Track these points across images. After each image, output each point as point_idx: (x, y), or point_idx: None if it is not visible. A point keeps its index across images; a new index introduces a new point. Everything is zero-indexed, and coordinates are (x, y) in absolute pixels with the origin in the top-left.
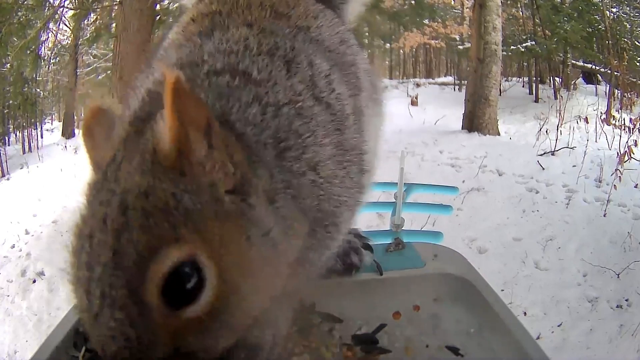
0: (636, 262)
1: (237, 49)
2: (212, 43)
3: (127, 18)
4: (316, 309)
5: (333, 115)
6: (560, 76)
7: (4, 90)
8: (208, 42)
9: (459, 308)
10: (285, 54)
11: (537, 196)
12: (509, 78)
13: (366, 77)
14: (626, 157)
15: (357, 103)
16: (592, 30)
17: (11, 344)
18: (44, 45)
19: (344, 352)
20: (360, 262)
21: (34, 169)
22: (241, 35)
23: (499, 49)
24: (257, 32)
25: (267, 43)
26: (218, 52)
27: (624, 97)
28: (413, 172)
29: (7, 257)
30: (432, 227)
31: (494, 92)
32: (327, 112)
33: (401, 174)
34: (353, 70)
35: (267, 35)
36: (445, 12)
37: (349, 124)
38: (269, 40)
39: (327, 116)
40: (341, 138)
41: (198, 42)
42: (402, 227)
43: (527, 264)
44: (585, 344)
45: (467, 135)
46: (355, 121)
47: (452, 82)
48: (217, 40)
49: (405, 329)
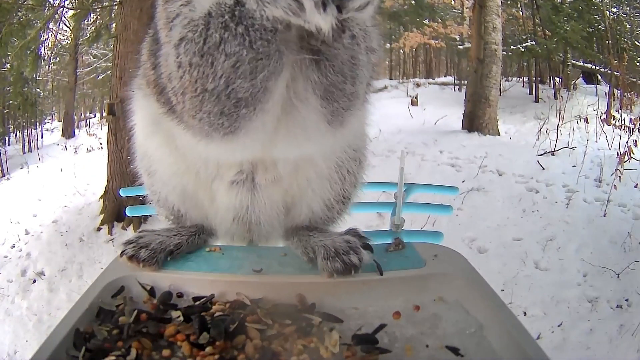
0: (636, 262)
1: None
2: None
3: (127, 18)
4: (316, 309)
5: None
6: (560, 76)
7: (4, 90)
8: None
9: (459, 308)
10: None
11: (537, 196)
12: (509, 78)
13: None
14: (626, 157)
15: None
16: (592, 30)
17: (11, 344)
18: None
19: (344, 352)
20: (360, 262)
21: (34, 169)
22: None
23: (499, 49)
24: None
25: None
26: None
27: (624, 97)
28: (413, 172)
29: (7, 257)
30: (432, 227)
31: (494, 92)
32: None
33: (401, 174)
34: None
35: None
36: (445, 12)
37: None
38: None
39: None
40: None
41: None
42: (402, 227)
43: (527, 264)
44: (585, 344)
45: (467, 135)
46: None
47: (452, 82)
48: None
49: (405, 329)
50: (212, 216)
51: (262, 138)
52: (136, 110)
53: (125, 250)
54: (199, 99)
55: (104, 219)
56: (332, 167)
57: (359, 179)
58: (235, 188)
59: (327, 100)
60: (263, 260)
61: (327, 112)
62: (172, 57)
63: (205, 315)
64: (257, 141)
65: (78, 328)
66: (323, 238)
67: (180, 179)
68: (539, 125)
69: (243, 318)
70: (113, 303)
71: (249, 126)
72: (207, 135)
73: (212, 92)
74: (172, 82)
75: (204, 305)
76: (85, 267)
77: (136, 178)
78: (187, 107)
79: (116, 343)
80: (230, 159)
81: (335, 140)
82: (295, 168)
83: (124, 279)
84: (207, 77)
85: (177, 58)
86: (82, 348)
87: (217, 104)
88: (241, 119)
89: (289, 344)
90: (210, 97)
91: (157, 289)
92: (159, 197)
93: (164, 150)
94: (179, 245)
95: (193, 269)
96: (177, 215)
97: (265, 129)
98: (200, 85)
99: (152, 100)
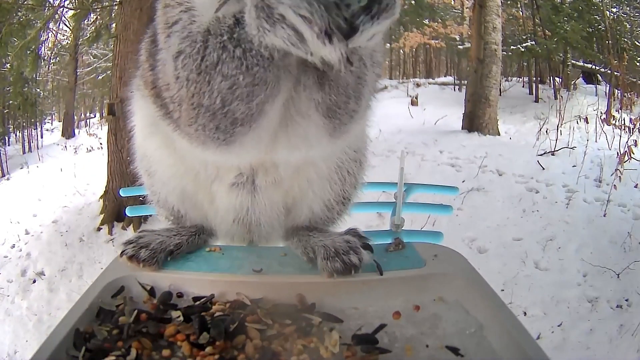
0: (636, 262)
1: None
2: None
3: (127, 18)
4: (316, 309)
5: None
6: (560, 76)
7: (4, 90)
8: None
9: (459, 308)
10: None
11: (537, 196)
12: (509, 78)
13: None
14: (626, 157)
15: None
16: (592, 30)
17: (11, 344)
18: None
19: (344, 352)
20: (360, 262)
21: (34, 169)
22: None
23: (499, 49)
24: None
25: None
26: None
27: (624, 97)
28: (413, 172)
29: (7, 257)
30: (432, 227)
31: (494, 92)
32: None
33: (401, 174)
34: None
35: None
36: (445, 12)
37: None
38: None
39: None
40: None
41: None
42: (402, 227)
43: (527, 264)
44: (585, 344)
45: (467, 135)
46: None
47: (452, 82)
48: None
49: (405, 329)
50: (212, 217)
51: (258, 149)
52: (135, 111)
53: (125, 250)
54: (195, 112)
55: (104, 219)
56: (333, 168)
57: (359, 179)
58: (236, 190)
59: (330, 118)
60: (263, 260)
61: (330, 128)
62: (170, 68)
63: (205, 315)
64: (253, 152)
65: (78, 328)
66: (323, 238)
67: (180, 180)
68: (539, 125)
69: (243, 318)
70: (113, 303)
71: (244, 140)
72: (203, 143)
73: (208, 109)
74: (170, 91)
75: (204, 305)
76: (85, 267)
77: (136, 178)
78: (183, 117)
79: (116, 343)
80: (228, 164)
81: (336, 146)
82: (296, 170)
83: (124, 279)
84: (204, 94)
85: (174, 71)
86: (82, 348)
87: (213, 119)
88: (236, 135)
89: (289, 344)
90: (206, 113)
91: (157, 289)
92: (158, 198)
93: (164, 152)
94: (179, 245)
95: (193, 269)
96: (177, 216)
97: (261, 142)
98: (197, 100)
99: (150, 102)
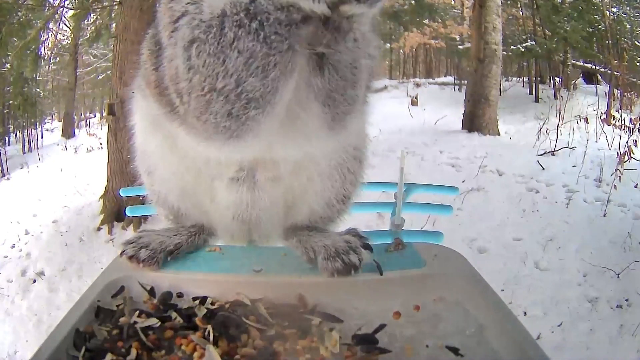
0: (636, 262)
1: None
2: None
3: (127, 18)
4: (316, 309)
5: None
6: (560, 76)
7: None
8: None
9: (459, 308)
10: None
11: (537, 196)
12: (509, 78)
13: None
14: (626, 157)
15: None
16: (592, 30)
17: (11, 344)
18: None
19: (344, 352)
20: (360, 262)
21: (34, 169)
22: None
23: (499, 49)
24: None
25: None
26: None
27: (624, 97)
28: (413, 172)
29: (7, 257)
30: (432, 227)
31: (494, 92)
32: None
33: (401, 174)
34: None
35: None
36: (445, 12)
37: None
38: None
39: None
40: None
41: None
42: (402, 227)
43: (527, 264)
44: (585, 344)
45: (467, 135)
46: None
47: (452, 82)
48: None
49: (405, 329)
50: (211, 215)
51: (264, 142)
52: (136, 111)
53: (125, 250)
54: (207, 99)
55: (104, 219)
56: (333, 166)
57: (359, 178)
58: (235, 185)
59: (329, 107)
60: (263, 260)
61: (329, 117)
62: (180, 59)
63: (205, 315)
64: (258, 145)
65: (78, 328)
66: (323, 238)
67: (180, 178)
68: (539, 125)
69: (243, 318)
70: (113, 303)
71: (257, 129)
72: (209, 138)
73: (221, 92)
74: (178, 83)
75: (204, 305)
76: (85, 267)
77: (136, 178)
78: (192, 108)
79: (116, 343)
80: (229, 159)
81: (336, 141)
82: (296, 167)
83: (124, 279)
84: (217, 76)
85: (187, 61)
86: (82, 348)
87: (226, 104)
88: (249, 120)
89: (289, 344)
90: (219, 97)
91: (157, 289)
92: (158, 197)
93: (164, 150)
94: (179, 245)
95: (193, 269)
96: (177, 215)
97: (268, 134)
98: (209, 85)
99: (151, 101)
